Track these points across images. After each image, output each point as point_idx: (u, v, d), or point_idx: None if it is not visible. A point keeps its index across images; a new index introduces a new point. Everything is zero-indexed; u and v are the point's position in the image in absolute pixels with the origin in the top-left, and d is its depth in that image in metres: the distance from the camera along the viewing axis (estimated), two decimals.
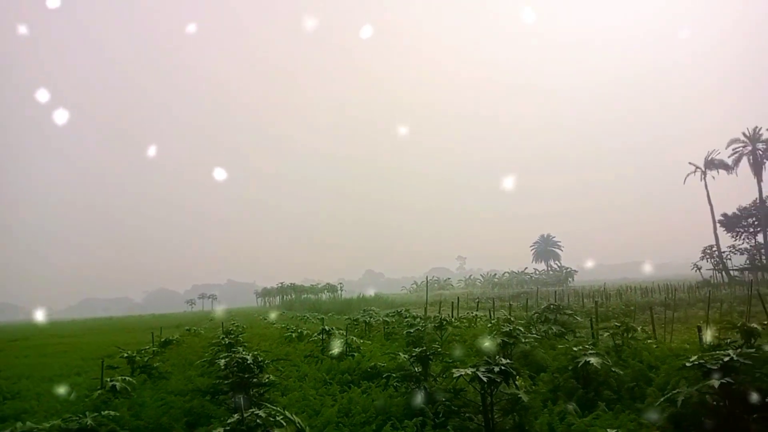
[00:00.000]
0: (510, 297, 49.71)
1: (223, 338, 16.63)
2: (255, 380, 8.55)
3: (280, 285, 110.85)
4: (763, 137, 66.33)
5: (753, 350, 6.65)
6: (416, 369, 8.73)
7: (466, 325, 19.26)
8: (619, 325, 11.25)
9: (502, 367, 6.39)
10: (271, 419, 5.12)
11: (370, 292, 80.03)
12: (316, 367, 12.42)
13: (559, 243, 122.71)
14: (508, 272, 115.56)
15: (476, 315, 22.21)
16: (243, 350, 11.21)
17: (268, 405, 5.79)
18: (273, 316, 44.82)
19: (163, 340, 20.59)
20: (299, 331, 20.88)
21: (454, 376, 6.30)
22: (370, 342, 16.50)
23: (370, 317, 24.37)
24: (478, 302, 33.91)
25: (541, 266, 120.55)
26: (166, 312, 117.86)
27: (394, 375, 9.19)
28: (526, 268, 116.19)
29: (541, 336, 13.43)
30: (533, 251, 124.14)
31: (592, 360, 7.94)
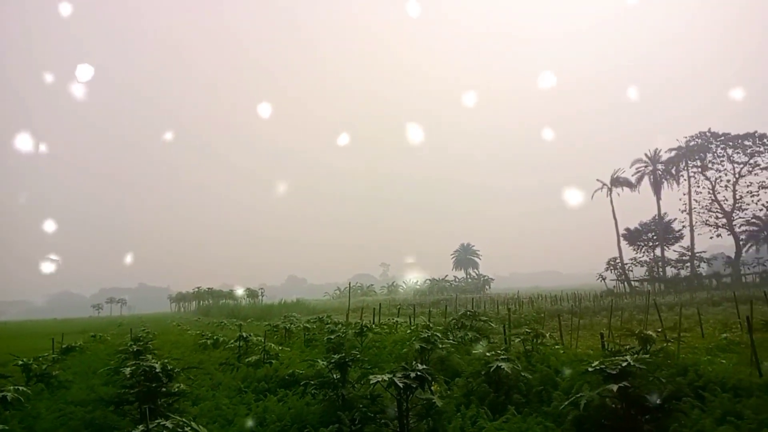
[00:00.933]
0: (430, 304, 50.67)
1: (131, 345, 15.73)
2: (163, 390, 8.13)
3: (196, 290, 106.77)
4: (663, 158, 72.36)
5: (648, 356, 7.16)
6: (334, 376, 8.67)
7: (386, 332, 19.40)
8: (529, 331, 11.78)
9: (418, 373, 6.48)
10: (179, 430, 4.89)
11: (293, 297, 78.85)
12: (231, 375, 12.03)
13: (478, 252, 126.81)
14: (429, 279, 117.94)
15: (397, 321, 22.43)
16: (152, 358, 10.63)
17: (176, 416, 5.52)
18: (188, 322, 43.00)
19: (64, 346, 19.17)
20: (215, 337, 20.16)
21: (371, 382, 6.32)
22: (289, 349, 16.22)
23: (291, 323, 23.98)
24: (399, 309, 34.31)
25: (461, 274, 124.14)
26: (70, 317, 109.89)
27: (311, 382, 9.08)
28: (447, 275, 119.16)
29: (458, 342, 13.79)
30: (453, 259, 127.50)
31: (504, 365, 8.24)
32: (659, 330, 11.37)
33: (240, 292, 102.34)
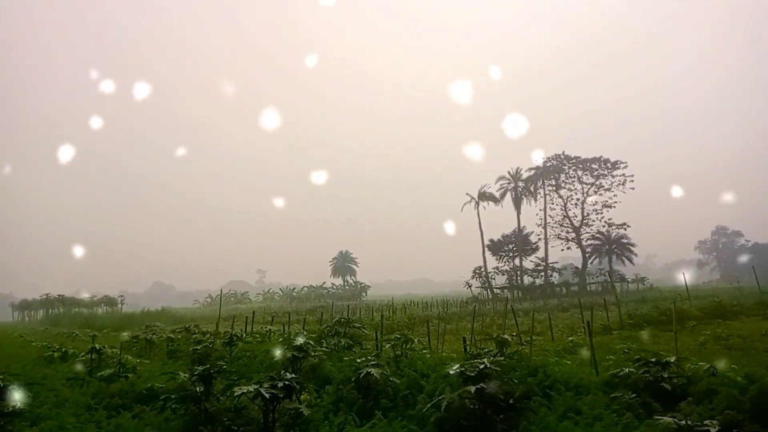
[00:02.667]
0: (307, 311, 50.27)
1: None
2: None
3: (44, 297, 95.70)
4: (523, 177, 78.98)
5: (503, 358, 7.70)
6: (198, 389, 8.22)
7: (258, 340, 18.86)
8: (399, 337, 12.12)
9: (286, 383, 6.37)
10: None
11: (158, 306, 73.70)
12: (80, 390, 10.91)
13: (355, 259, 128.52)
14: (307, 286, 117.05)
15: (270, 330, 21.91)
16: None
17: None
18: (33, 332, 38.34)
19: None
20: (63, 350, 18.17)
21: (236, 394, 6.08)
22: (149, 361, 15.12)
23: (153, 334, 22.39)
24: (273, 316, 33.58)
25: (339, 281, 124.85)
26: None
27: (172, 396, 8.53)
28: (324, 282, 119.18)
29: (331, 349, 13.80)
30: (332, 266, 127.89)
31: (373, 371, 8.39)
32: (514, 334, 12.31)
33: (86, 297, 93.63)
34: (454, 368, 7.19)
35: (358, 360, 9.41)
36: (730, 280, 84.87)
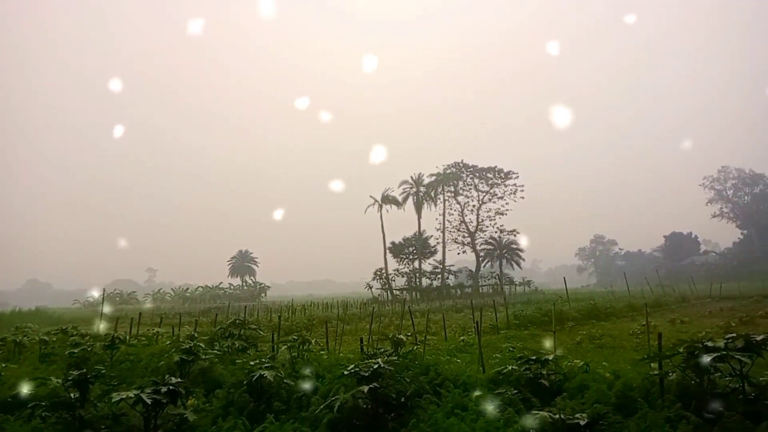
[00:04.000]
0: (200, 312, 48.09)
1: None
2: None
3: None
4: (425, 182, 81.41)
5: (396, 358, 7.85)
6: (72, 395, 7.57)
7: (144, 343, 17.74)
8: (296, 338, 11.96)
9: (171, 387, 6.05)
10: None
11: (32, 305, 66.96)
12: None
13: (255, 259, 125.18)
14: (202, 287, 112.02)
15: (158, 332, 20.71)
16: None
17: None
18: None
19: None
20: None
21: (114, 400, 5.68)
22: (17, 366, 13.67)
23: (24, 336, 20.29)
24: (162, 318, 31.80)
25: (237, 281, 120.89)
26: None
27: (42, 403, 7.78)
28: (221, 283, 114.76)
29: (224, 351, 13.32)
30: (230, 266, 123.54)
31: (266, 373, 8.21)
32: (410, 334, 12.61)
33: None
34: (349, 369, 7.22)
35: (252, 363, 9.16)
36: (605, 284, 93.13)
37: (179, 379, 6.79)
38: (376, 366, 7.05)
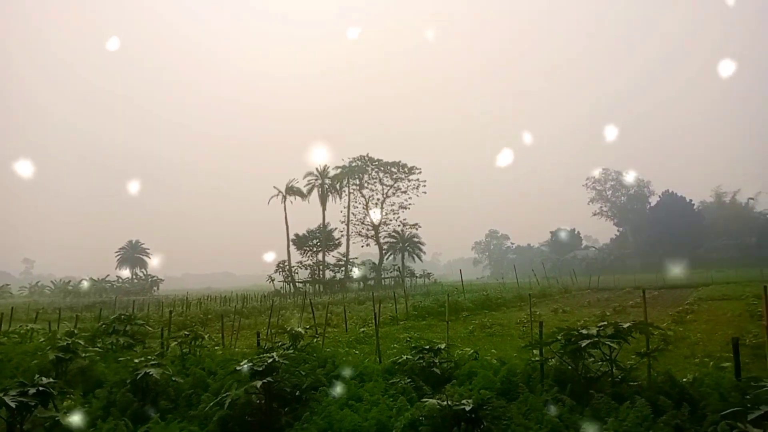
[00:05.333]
0: (83, 307, 44.56)
1: None
2: None
3: None
4: (330, 174, 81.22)
5: (292, 351, 7.76)
6: None
7: (16, 341, 16.14)
8: (188, 333, 11.45)
9: (41, 388, 5.53)
10: None
11: None
12: None
13: (147, 250, 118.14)
14: (86, 279, 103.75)
15: (32, 328, 18.89)
16: None
17: None
18: None
19: None
20: None
21: None
22: None
23: None
24: (38, 313, 29.10)
25: (127, 274, 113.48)
26: None
27: None
28: (108, 275, 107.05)
29: (108, 349, 12.44)
30: (118, 258, 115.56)
31: (153, 371, 7.77)
32: (308, 327, 12.52)
33: None
34: (242, 364, 7.02)
35: (136, 360, 8.63)
36: (498, 276, 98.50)
37: (52, 380, 6.24)
38: (270, 360, 6.92)
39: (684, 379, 7.21)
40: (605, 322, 7.75)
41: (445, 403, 5.37)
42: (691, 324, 17.97)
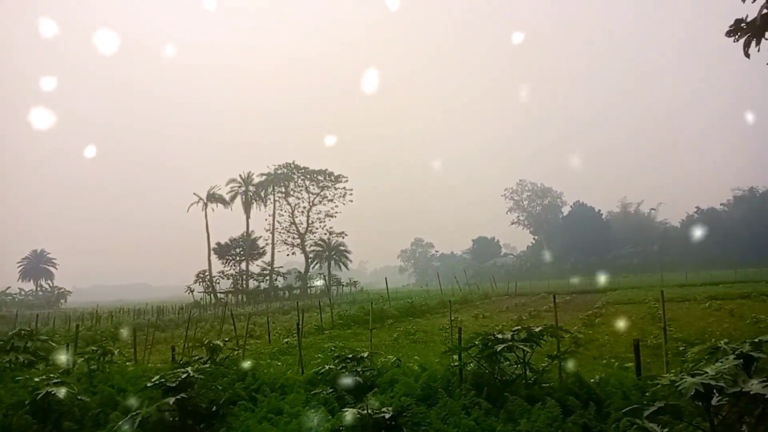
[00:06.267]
0: None
1: None
2: None
3: None
4: (255, 181, 79.46)
5: (207, 365, 7.48)
6: None
7: None
8: (96, 349, 10.77)
9: None
10: None
11: None
12: None
13: (53, 260, 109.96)
14: None
15: None
16: None
17: None
18: None
19: None
20: None
21: None
22: None
23: None
24: None
25: (30, 286, 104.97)
26: None
27: None
28: (9, 287, 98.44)
29: (5, 367, 11.45)
30: (21, 269, 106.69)
31: (55, 390, 7.23)
32: (227, 339, 12.14)
33: None
34: (153, 379, 6.68)
35: (37, 379, 7.99)
36: (422, 283, 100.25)
37: None
38: (185, 375, 6.63)
39: (592, 380, 7.65)
40: (519, 327, 8.10)
41: (365, 412, 5.38)
42: (600, 327, 19.15)
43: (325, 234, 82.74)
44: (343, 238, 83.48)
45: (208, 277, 73.78)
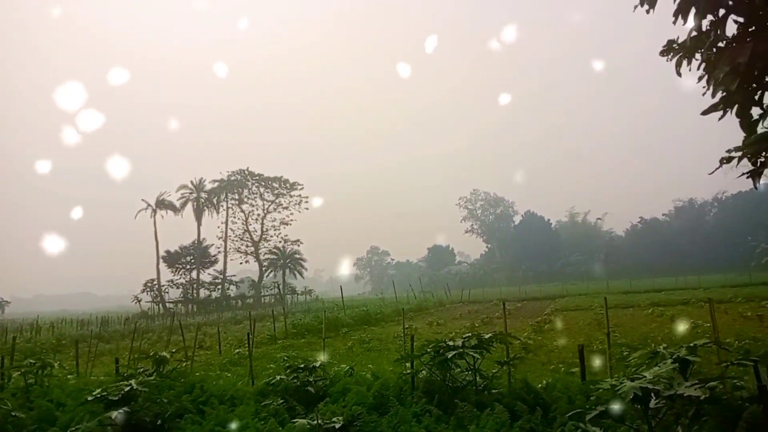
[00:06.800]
0: None
1: None
2: None
3: None
4: (207, 188, 77.70)
5: (152, 378, 7.25)
6: None
7: None
8: (34, 362, 10.24)
9: None
10: None
11: None
12: None
13: None
14: None
15: None
16: None
17: None
18: None
19: None
20: None
21: None
22: None
23: None
24: None
25: None
26: None
27: None
28: None
29: None
30: None
31: None
32: (174, 350, 11.80)
33: None
34: (94, 393, 6.41)
35: None
36: (378, 292, 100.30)
37: None
38: (128, 388, 6.41)
39: (539, 385, 7.84)
40: (469, 334, 8.23)
41: (315, 422, 5.33)
42: (548, 333, 19.65)
43: (280, 242, 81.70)
44: (299, 246, 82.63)
45: (157, 286, 71.42)
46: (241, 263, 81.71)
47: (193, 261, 75.61)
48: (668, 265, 79.13)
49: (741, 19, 4.33)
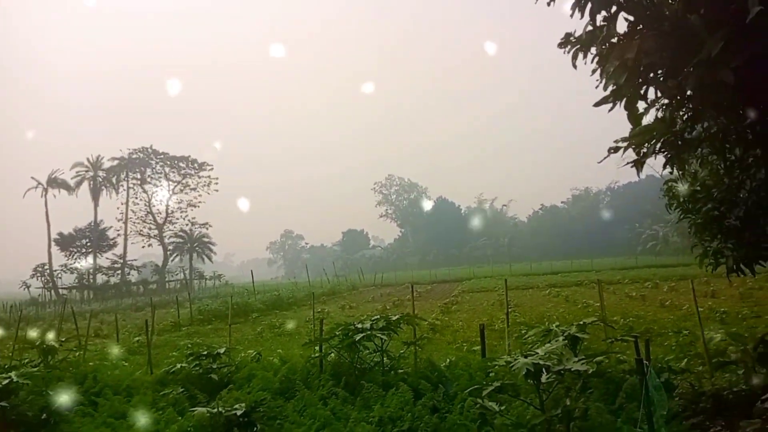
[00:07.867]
0: None
1: None
2: None
3: None
4: (105, 166, 72.53)
5: (36, 369, 6.71)
6: None
7: None
8: None
9: None
10: None
11: None
12: None
13: None
14: None
15: None
16: None
17: None
18: None
19: None
20: None
21: None
22: None
23: None
24: None
25: None
26: None
27: None
28: None
29: None
30: None
31: None
32: (63, 339, 10.97)
33: None
34: None
35: None
36: (291, 276, 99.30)
37: None
38: (7, 381, 5.86)
39: (443, 364, 8.12)
40: (378, 316, 8.34)
41: (216, 410, 5.16)
42: (455, 314, 20.43)
43: (187, 225, 78.12)
44: (207, 229, 79.48)
45: (48, 271, 65.98)
46: (143, 247, 77.24)
47: (89, 244, 70.54)
48: (566, 250, 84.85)
49: (631, 18, 4.62)
